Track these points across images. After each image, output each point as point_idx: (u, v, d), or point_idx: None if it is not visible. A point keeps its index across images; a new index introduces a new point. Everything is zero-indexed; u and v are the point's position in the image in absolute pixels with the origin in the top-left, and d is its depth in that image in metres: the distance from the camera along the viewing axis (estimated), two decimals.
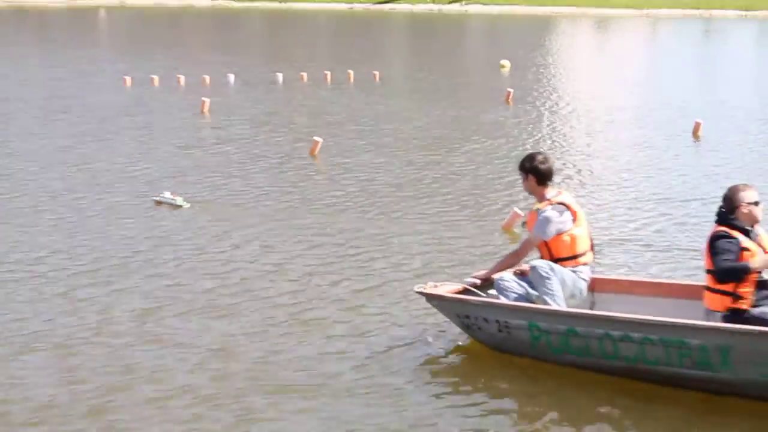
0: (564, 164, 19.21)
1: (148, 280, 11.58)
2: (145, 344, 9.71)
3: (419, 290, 9.60)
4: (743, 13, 62.53)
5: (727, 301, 8.40)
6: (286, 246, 12.78)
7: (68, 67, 36.33)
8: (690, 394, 8.31)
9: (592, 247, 9.75)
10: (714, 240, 8.43)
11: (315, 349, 9.54)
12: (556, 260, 9.45)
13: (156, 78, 29.49)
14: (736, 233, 8.34)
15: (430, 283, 9.75)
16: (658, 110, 25.82)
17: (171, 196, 15.06)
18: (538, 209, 9.46)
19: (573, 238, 9.48)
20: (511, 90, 27.14)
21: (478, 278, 9.66)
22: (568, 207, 9.51)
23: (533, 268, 9.26)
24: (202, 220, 14.44)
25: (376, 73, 31.47)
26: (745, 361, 8.09)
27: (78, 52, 43.80)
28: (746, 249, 8.32)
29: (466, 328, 9.57)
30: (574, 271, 9.43)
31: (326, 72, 30.90)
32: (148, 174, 17.36)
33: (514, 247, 10.01)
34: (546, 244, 9.48)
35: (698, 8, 64.62)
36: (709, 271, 8.51)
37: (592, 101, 28.56)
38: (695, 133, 20.96)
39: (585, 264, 9.57)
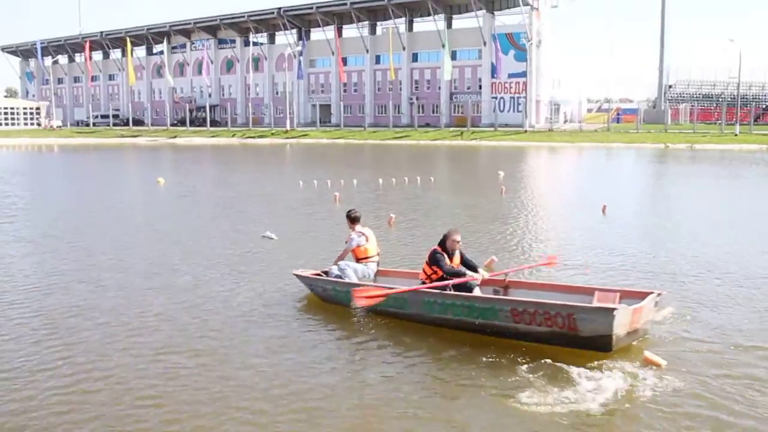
0: (522, 223, 19.23)
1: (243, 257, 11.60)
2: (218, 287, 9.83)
3: (294, 273, 11.29)
4: (628, 145, 61.76)
5: (425, 276, 9.86)
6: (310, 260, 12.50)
7: (271, 175, 36.78)
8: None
9: (379, 254, 11.36)
10: (435, 253, 9.79)
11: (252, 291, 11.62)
12: (359, 259, 11.12)
13: (315, 182, 29.64)
14: (444, 253, 9.78)
15: (300, 270, 11.44)
16: (582, 197, 25.49)
17: (270, 233, 16.08)
18: (350, 234, 11.22)
19: (365, 249, 11.14)
20: (504, 187, 26.90)
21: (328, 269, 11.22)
22: (363, 234, 11.18)
23: (338, 266, 11.00)
24: (279, 244, 15.35)
25: (432, 178, 31.32)
26: (414, 303, 9.58)
27: (276, 167, 44.30)
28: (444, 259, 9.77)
29: (311, 289, 11.00)
30: (366, 265, 11.09)
31: (405, 178, 30.80)
32: (278, 224, 18.08)
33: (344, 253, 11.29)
34: (353, 250, 11.13)
35: (602, 142, 64.11)
36: (427, 263, 9.86)
37: (547, 193, 28.33)
38: (603, 211, 20.70)
39: (373, 261, 11.20)
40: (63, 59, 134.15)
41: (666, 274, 12.58)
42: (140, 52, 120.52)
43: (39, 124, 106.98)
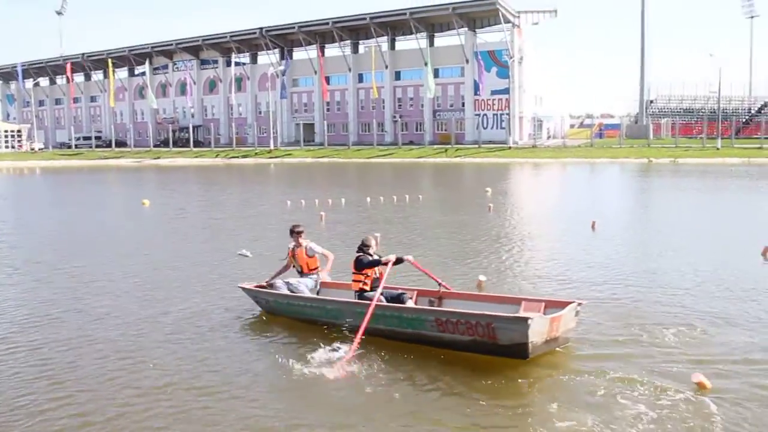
0: (514, 241, 19.13)
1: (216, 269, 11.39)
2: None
3: (239, 285, 11.89)
4: (611, 160, 62.06)
5: (358, 286, 10.46)
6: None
7: (254, 194, 36.56)
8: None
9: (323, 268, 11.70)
10: (360, 258, 10.44)
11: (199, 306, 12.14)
12: (305, 272, 11.51)
13: (303, 201, 29.48)
14: (366, 255, 10.45)
15: (245, 283, 11.99)
16: (571, 213, 25.37)
17: (245, 251, 16.53)
18: (308, 244, 11.54)
19: (313, 261, 11.56)
20: (491, 204, 26.89)
21: (267, 281, 11.65)
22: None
23: (288, 282, 11.33)
24: (254, 261, 15.43)
25: (420, 196, 31.26)
26: (347, 314, 10.11)
27: (259, 186, 44.11)
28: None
29: (257, 302, 11.54)
30: (310, 277, 11.48)
31: (394, 196, 30.70)
32: (255, 242, 17.73)
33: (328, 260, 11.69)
34: (307, 262, 11.50)
35: (585, 158, 64.37)
36: (354, 272, 10.50)
37: (535, 210, 28.31)
38: (593, 227, 20.65)
39: (317, 273, 11.57)
40: (44, 81, 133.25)
41: (662, 288, 12.52)
42: (122, 73, 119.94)
43: (14, 147, 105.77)
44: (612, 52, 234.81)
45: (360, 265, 10.46)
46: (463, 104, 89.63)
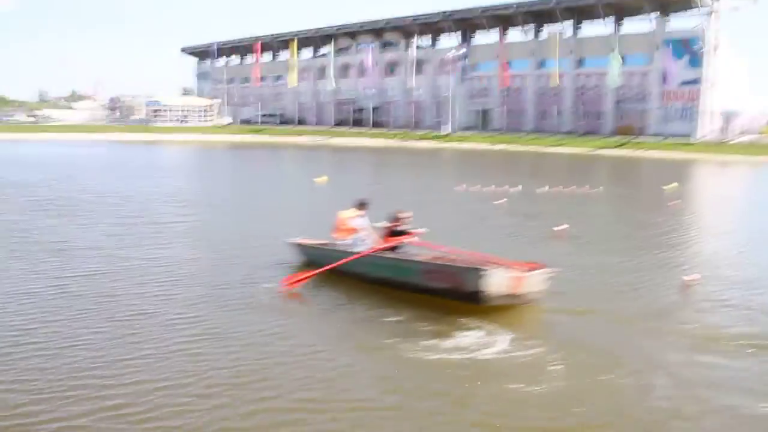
0: (704, 244, 18.44)
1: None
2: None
3: (287, 240, 14.30)
4: None
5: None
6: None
7: (429, 178, 37.11)
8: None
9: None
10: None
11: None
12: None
13: (478, 186, 29.66)
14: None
15: (297, 238, 14.21)
16: (761, 218, 23.89)
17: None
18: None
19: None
20: (676, 201, 25.96)
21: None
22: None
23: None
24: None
25: (601, 188, 30.66)
26: (360, 264, 12.13)
27: (434, 170, 44.88)
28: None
29: (305, 256, 13.78)
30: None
31: (573, 186, 30.36)
32: (444, 226, 17.01)
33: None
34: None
35: None
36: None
37: (723, 209, 27.00)
38: None
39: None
40: (235, 60, 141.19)
41: None
42: (307, 53, 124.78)
43: (205, 121, 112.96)
44: None
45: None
46: (649, 94, 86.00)
